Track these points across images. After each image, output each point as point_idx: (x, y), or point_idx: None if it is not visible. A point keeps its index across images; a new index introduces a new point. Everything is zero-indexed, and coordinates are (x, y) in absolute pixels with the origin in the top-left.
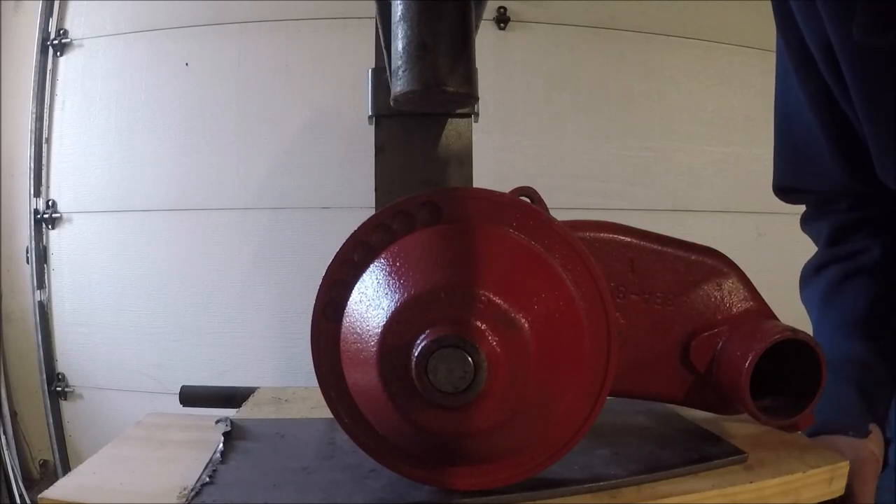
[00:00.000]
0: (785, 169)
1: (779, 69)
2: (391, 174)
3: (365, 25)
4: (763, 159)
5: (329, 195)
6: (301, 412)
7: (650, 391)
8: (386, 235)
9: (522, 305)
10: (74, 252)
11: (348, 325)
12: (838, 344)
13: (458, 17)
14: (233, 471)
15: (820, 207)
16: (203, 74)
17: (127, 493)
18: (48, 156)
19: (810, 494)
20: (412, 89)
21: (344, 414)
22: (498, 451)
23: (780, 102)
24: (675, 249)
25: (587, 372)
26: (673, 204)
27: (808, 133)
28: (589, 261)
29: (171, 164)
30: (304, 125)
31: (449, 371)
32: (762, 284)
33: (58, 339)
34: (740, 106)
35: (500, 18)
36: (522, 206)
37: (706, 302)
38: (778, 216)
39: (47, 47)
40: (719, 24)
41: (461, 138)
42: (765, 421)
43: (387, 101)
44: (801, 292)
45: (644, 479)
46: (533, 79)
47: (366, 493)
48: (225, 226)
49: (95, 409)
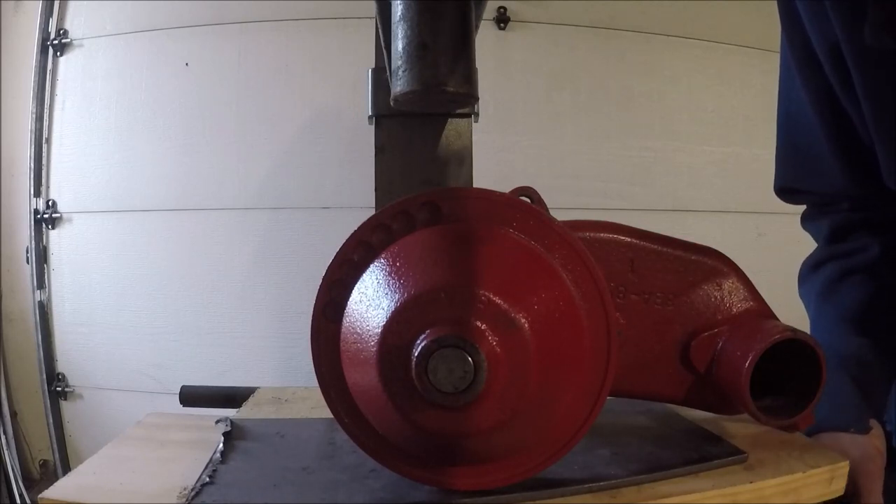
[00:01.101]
0: (787, 169)
1: (782, 69)
2: (391, 174)
3: (365, 25)
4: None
5: (329, 195)
6: (301, 412)
7: (650, 391)
8: (386, 235)
9: (522, 305)
10: (74, 252)
11: (348, 325)
12: (835, 339)
13: (458, 17)
14: (233, 471)
15: (821, 207)
16: (203, 74)
17: (127, 493)
18: (48, 156)
19: (810, 494)
20: (412, 89)
21: (344, 414)
22: (498, 451)
23: (783, 102)
24: (675, 249)
25: (587, 372)
26: (673, 204)
27: (810, 134)
28: (589, 261)
29: (171, 164)
30: (304, 125)
31: (449, 371)
32: (762, 284)
33: (58, 339)
34: (740, 106)
35: (500, 18)
36: (522, 206)
37: (706, 302)
38: (778, 216)
39: (47, 47)
40: (719, 24)
41: (461, 138)
42: (765, 421)
43: (387, 101)
44: (799, 288)
45: (644, 479)
46: (533, 79)
47: (366, 493)
48: (225, 226)
49: (95, 409)
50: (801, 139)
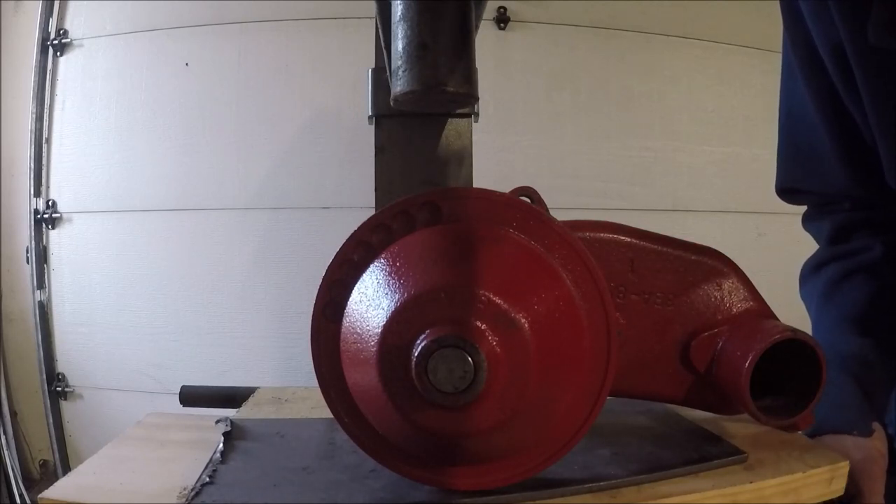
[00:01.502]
0: (788, 170)
1: (784, 68)
2: (391, 174)
3: (365, 25)
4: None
5: (329, 195)
6: (301, 412)
7: (650, 391)
8: (386, 235)
9: (522, 305)
10: (74, 252)
11: (348, 325)
12: (837, 340)
13: (458, 17)
14: (233, 471)
15: (822, 208)
16: (203, 74)
17: (127, 493)
18: (48, 156)
19: (810, 494)
20: (412, 89)
21: (344, 414)
22: (498, 451)
23: (785, 102)
24: (675, 249)
25: (587, 372)
26: (673, 204)
27: (812, 134)
28: (589, 261)
29: (171, 164)
30: (304, 125)
31: (449, 371)
32: (762, 284)
33: (58, 339)
34: (740, 106)
35: (500, 18)
36: (522, 206)
37: (706, 302)
38: (778, 216)
39: (47, 47)
40: (719, 24)
41: (461, 138)
42: (765, 421)
43: (387, 101)
44: (800, 289)
45: (644, 479)
46: (533, 79)
47: (366, 493)
48: (225, 226)
49: (95, 409)
50: (802, 139)
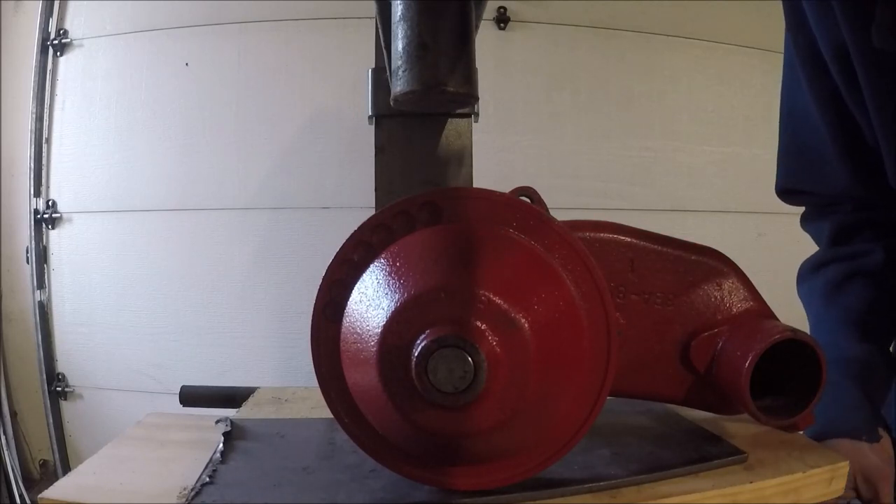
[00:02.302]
0: (789, 170)
1: (785, 69)
2: (391, 174)
3: (365, 25)
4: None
5: (329, 195)
6: (301, 412)
7: (650, 391)
8: (386, 235)
9: (522, 305)
10: (74, 252)
11: (348, 325)
12: (839, 342)
13: (458, 17)
14: (233, 471)
15: (823, 208)
16: (203, 74)
17: (127, 493)
18: (48, 156)
19: (810, 494)
20: (412, 89)
21: (344, 414)
22: (498, 451)
23: (786, 103)
24: (675, 249)
25: (587, 372)
26: (673, 204)
27: (814, 135)
28: (589, 261)
29: (171, 164)
30: (304, 125)
31: (449, 371)
32: (762, 284)
33: (58, 339)
34: (740, 106)
35: (500, 18)
36: (522, 206)
37: (706, 302)
38: (778, 216)
39: (47, 47)
40: (719, 24)
41: (461, 138)
42: (765, 421)
43: (387, 101)
44: (798, 287)
45: (644, 479)
46: (533, 79)
47: (366, 493)
48: (225, 226)
49: (95, 409)
50: (804, 140)
